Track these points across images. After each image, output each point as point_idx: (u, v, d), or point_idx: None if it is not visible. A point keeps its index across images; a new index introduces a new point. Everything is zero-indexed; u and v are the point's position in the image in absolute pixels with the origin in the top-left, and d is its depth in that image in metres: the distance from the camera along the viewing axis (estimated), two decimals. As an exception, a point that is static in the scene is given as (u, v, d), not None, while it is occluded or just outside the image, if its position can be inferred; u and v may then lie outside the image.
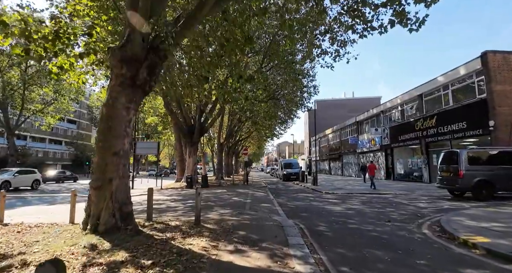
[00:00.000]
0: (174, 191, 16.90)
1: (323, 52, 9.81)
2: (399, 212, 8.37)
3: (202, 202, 10.91)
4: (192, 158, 20.73)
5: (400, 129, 21.35)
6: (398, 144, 21.55)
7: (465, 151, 10.87)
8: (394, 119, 23.01)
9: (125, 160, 5.65)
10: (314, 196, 13.20)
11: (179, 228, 5.71)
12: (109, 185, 5.34)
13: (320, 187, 17.09)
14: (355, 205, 9.81)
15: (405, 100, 21.04)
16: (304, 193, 14.62)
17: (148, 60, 5.76)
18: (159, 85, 16.08)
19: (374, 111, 25.82)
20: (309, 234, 5.67)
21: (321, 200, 11.39)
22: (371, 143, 25.84)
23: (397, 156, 22.53)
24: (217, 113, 21.04)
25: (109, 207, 5.30)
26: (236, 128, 28.97)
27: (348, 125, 32.82)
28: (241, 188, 17.79)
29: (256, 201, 10.84)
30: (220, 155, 28.61)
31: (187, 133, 20.59)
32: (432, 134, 17.86)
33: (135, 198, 10.32)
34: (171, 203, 10.59)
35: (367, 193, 13.78)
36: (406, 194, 13.04)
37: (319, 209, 9.12)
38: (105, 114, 5.60)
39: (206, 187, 18.60)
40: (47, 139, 51.89)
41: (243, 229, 5.68)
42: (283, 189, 17.72)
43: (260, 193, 14.39)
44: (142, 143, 23.80)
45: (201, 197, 11.63)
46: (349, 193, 13.80)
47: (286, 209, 9.08)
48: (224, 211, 8.22)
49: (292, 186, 20.77)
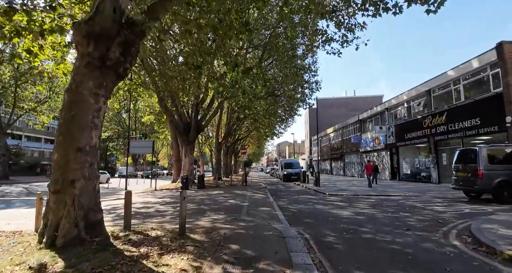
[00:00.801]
0: (168, 192, 15.92)
1: (329, 39, 8.80)
2: (416, 217, 7.36)
3: (194, 205, 9.90)
4: (188, 157, 19.76)
5: (407, 127, 20.34)
6: (404, 142, 20.54)
7: (485, 149, 9.86)
8: (399, 116, 21.99)
9: (93, 158, 4.65)
10: (318, 198, 12.19)
11: (159, 240, 4.71)
12: (70, 187, 4.34)
13: (323, 188, 16.09)
14: (364, 209, 8.80)
15: (411, 96, 20.02)
16: (306, 195, 13.62)
17: (121, 37, 4.75)
18: (151, 78, 15.18)
19: (378, 109, 24.80)
20: (317, 248, 4.66)
21: (325, 203, 10.39)
22: (375, 142, 24.83)
23: (403, 155, 21.52)
24: (215, 110, 20.04)
25: (70, 215, 4.29)
26: (235, 127, 27.96)
27: (350, 123, 31.80)
28: (239, 189, 16.79)
29: (255, 204, 9.84)
30: (218, 155, 27.61)
31: (183, 132, 19.63)
32: (441, 132, 16.85)
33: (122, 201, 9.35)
34: (161, 206, 9.59)
35: (374, 194, 12.78)
36: (417, 196, 12.04)
37: (324, 213, 8.11)
38: (67, 101, 4.60)
39: (202, 188, 17.62)
40: (42, 138, 50.88)
41: (236, 241, 4.68)
42: (283, 191, 16.72)
43: (259, 195, 13.39)
44: (136, 142, 22.82)
45: (195, 199, 10.61)
46: (355, 195, 12.79)
47: (288, 214, 8.07)
48: (218, 216, 7.21)
49: (293, 187, 19.76)
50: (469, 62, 15.17)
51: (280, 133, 38.06)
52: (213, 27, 6.88)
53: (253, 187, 18.80)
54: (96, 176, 4.72)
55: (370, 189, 15.09)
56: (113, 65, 4.76)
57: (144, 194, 14.54)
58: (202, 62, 7.84)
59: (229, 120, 26.72)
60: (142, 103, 29.55)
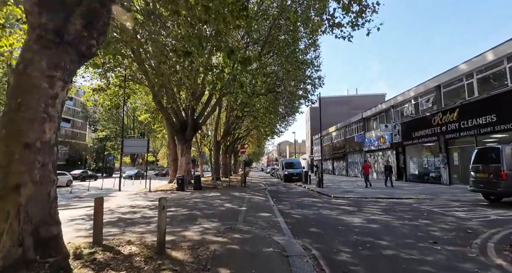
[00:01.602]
0: (163, 194, 14.96)
1: (336, 24, 7.81)
2: (439, 226, 6.39)
3: (186, 210, 8.92)
4: (185, 157, 18.83)
5: (414, 125, 19.34)
6: (412, 141, 19.54)
7: (509, 147, 8.87)
8: (406, 114, 20.98)
9: (46, 157, 3.67)
10: (322, 201, 11.22)
11: (131, 260, 3.75)
12: (14, 194, 3.37)
13: (326, 190, 15.11)
14: (376, 215, 7.83)
15: (419, 92, 19.02)
16: (309, 198, 12.65)
17: (83, 5, 3.80)
18: (143, 71, 14.22)
19: (383, 106, 23.78)
20: (329, 271, 3.69)
21: (331, 208, 9.41)
22: (380, 141, 23.83)
23: (410, 155, 20.52)
24: (212, 107, 19.09)
25: (13, 229, 3.32)
26: (234, 125, 27.00)
27: (353, 122, 30.79)
28: (238, 190, 15.84)
29: (253, 208, 8.88)
30: (216, 154, 26.64)
31: (179, 130, 18.70)
32: (453, 130, 15.86)
33: (121, 203, 8.34)
34: (149, 211, 8.62)
35: (383, 197, 11.80)
36: (431, 199, 11.07)
37: (332, 221, 7.14)
38: (14, 84, 3.65)
39: (199, 189, 16.68)
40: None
41: (227, 262, 3.71)
42: (284, 192, 15.75)
43: (258, 197, 12.43)
44: (130, 141, 21.86)
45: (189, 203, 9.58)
46: (362, 198, 11.81)
47: (291, 221, 7.11)
48: (210, 225, 6.25)
49: (294, 188, 18.79)
50: (483, 55, 14.18)
51: (281, 132, 37.13)
52: (205, 8, 5.93)
53: (252, 188, 17.84)
54: (51, 180, 3.75)
55: (377, 191, 14.12)
56: (73, 40, 3.79)
57: (136, 196, 13.60)
58: (192, 48, 6.88)
59: (228, 119, 25.77)
60: (139, 101, 28.64)
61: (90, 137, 63.79)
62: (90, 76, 17.32)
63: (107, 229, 6.04)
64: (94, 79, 17.33)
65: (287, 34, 16.05)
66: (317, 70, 17.75)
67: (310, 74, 17.64)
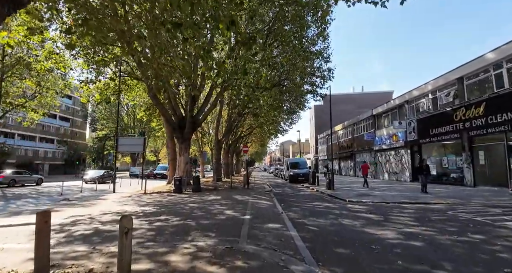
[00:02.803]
0: (158, 196, 13.62)
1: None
2: (500, 243, 4.94)
3: (179, 219, 7.39)
4: (184, 156, 17.46)
5: (432, 122, 17.79)
6: (429, 139, 17.98)
7: None
8: (423, 109, 19.41)
9: None
10: (338, 207, 9.76)
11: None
12: None
13: (339, 193, 13.65)
14: (411, 227, 6.36)
15: (438, 85, 17.45)
16: (321, 202, 11.18)
17: None
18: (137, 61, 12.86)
19: (396, 102, 22.20)
20: None
21: (352, 216, 7.95)
22: (392, 139, 22.28)
23: (427, 154, 18.94)
24: (213, 102, 17.68)
25: None
26: (236, 123, 25.58)
27: (362, 119, 29.21)
28: (240, 193, 14.43)
29: (259, 217, 7.46)
30: (218, 154, 25.26)
31: (177, 127, 17.34)
32: (478, 126, 14.31)
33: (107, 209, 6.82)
34: (135, 220, 7.22)
35: (407, 202, 10.32)
36: (463, 204, 9.60)
37: (359, 235, 5.69)
38: None
39: (198, 192, 15.31)
40: (37, 137, 48.94)
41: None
42: (292, 195, 14.30)
43: (264, 202, 11.01)
44: (125, 139, 20.57)
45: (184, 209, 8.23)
46: (383, 203, 10.34)
47: (307, 235, 5.66)
48: (205, 242, 4.84)
49: (302, 190, 17.33)
50: (515, 42, 12.65)
51: (285, 130, 35.63)
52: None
53: (256, 190, 16.43)
54: None
55: (397, 195, 12.64)
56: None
57: (127, 200, 12.24)
58: (182, 18, 5.47)
59: (229, 116, 24.37)
60: (137, 99, 27.36)
61: (91, 137, 62.75)
62: (86, 71, 15.93)
63: (73, 246, 4.69)
64: (87, 74, 16.01)
65: (292, 23, 14.61)
66: (327, 61, 16.26)
67: (319, 65, 16.16)
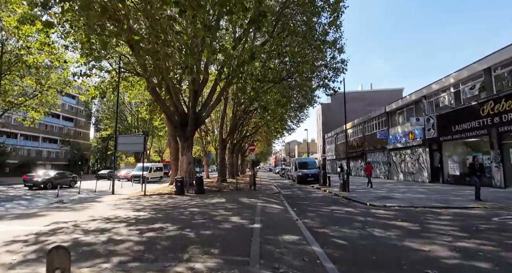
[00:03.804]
0: (158, 199, 12.57)
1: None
2: None
3: (175, 229, 5.92)
4: (186, 156, 16.39)
5: (454, 117, 16.37)
6: (451, 136, 16.55)
7: None
8: (443, 104, 17.96)
9: None
10: (360, 212, 8.49)
11: None
12: None
13: (355, 195, 12.37)
14: (461, 240, 5.09)
15: (462, 78, 16.01)
16: (339, 206, 9.92)
17: None
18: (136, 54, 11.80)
19: (412, 97, 20.76)
20: None
21: (380, 224, 6.69)
22: (408, 137, 20.85)
23: (448, 153, 17.50)
24: (217, 97, 16.55)
25: None
26: (241, 121, 24.43)
27: (374, 117, 27.75)
28: (247, 195, 13.27)
29: (271, 225, 6.28)
30: (222, 153, 24.14)
31: (179, 125, 16.30)
32: (509, 121, 12.91)
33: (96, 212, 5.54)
34: (124, 229, 6.12)
35: (438, 206, 9.01)
36: (503, 208, 8.32)
37: (402, 252, 4.44)
38: None
39: (200, 194, 14.19)
40: (40, 137, 48.47)
41: None
42: (303, 198, 13.07)
43: (274, 205, 9.82)
44: (124, 138, 19.59)
45: (183, 215, 7.15)
46: (410, 207, 9.05)
47: (335, 253, 4.43)
48: (202, 263, 3.68)
49: (313, 192, 16.08)
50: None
51: (292, 129, 34.40)
52: None
53: (263, 192, 15.24)
54: None
55: (422, 197, 11.31)
56: None
57: (124, 203, 11.18)
58: None
59: (234, 114, 23.25)
60: (140, 97, 26.44)
61: (95, 137, 62.26)
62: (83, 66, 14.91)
63: (37, 267, 3.59)
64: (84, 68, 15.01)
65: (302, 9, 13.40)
66: (341, 52, 14.97)
67: (332, 56, 14.87)
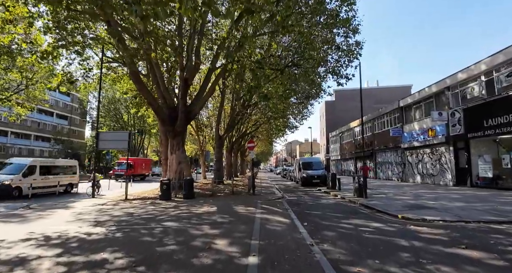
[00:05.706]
0: (137, 205, 10.43)
1: None
2: None
3: (122, 265, 3.93)
4: (176, 154, 14.22)
5: (486, 110, 14.07)
6: (483, 132, 14.24)
7: None
8: (471, 96, 15.64)
9: None
10: (397, 231, 6.20)
11: None
12: None
13: (376, 202, 10.09)
14: None
15: (496, 64, 13.70)
16: (362, 220, 7.59)
17: None
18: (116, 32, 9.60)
19: (432, 89, 18.41)
20: None
21: (439, 253, 4.40)
22: (428, 134, 18.53)
23: (477, 152, 15.17)
24: (211, 87, 14.35)
25: None
26: (240, 117, 22.22)
27: (386, 113, 25.38)
28: (244, 202, 11.06)
29: (274, 259, 4.05)
30: (219, 152, 21.95)
31: (167, 119, 14.19)
32: None
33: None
34: (49, 262, 3.90)
35: (498, 220, 6.73)
36: None
37: None
38: None
39: (190, 199, 12.05)
40: (32, 135, 46.50)
41: None
42: (312, 205, 10.79)
43: (277, 217, 7.59)
44: (107, 134, 17.43)
45: (153, 232, 5.05)
46: (461, 222, 6.77)
47: None
48: None
49: (322, 196, 13.79)
50: None
51: (295, 127, 32.19)
52: None
53: (264, 197, 13.01)
54: None
55: (465, 206, 9.00)
56: None
57: (93, 210, 9.02)
58: None
59: (233, 109, 21.06)
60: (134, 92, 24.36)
61: (91, 135, 60.37)
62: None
63: None
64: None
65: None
66: (355, 32, 12.68)
67: (346, 35, 12.54)
